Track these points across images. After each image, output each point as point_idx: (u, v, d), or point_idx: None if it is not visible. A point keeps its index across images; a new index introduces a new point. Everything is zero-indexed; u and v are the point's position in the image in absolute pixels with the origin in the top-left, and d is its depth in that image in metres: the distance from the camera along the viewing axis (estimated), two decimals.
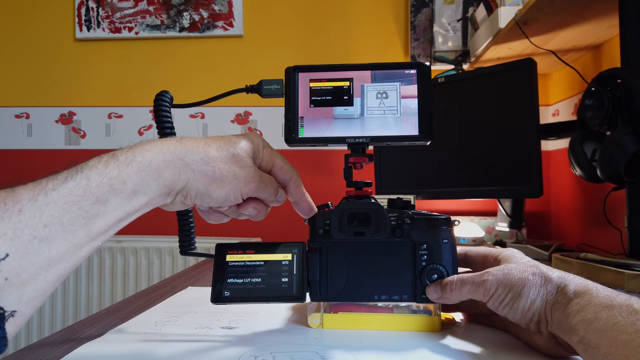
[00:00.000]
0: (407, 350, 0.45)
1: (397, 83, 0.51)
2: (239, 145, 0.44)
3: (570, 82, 1.48)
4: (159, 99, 0.51)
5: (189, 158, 0.41)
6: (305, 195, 0.50)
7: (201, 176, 0.42)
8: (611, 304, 0.37)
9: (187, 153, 0.41)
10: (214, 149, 0.43)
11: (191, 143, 0.42)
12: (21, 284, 0.32)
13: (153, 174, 0.39)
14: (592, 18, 1.11)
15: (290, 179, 0.48)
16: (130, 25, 1.77)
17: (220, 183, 0.43)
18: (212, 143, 0.43)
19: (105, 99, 1.79)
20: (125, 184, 0.37)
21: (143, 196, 0.39)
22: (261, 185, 0.45)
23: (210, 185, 0.42)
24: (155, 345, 0.47)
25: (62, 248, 0.34)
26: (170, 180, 0.40)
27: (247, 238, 1.62)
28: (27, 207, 0.32)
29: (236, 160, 0.43)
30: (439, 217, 0.52)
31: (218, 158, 0.42)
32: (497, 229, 1.43)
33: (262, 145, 0.47)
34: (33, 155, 1.79)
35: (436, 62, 1.63)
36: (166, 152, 0.40)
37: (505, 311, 0.44)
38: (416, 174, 1.35)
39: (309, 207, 0.51)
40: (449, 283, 0.48)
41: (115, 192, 0.37)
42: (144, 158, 0.39)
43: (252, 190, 0.45)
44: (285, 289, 0.49)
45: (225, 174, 0.43)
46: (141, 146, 0.40)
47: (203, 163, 0.42)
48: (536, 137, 1.08)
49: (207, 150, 0.42)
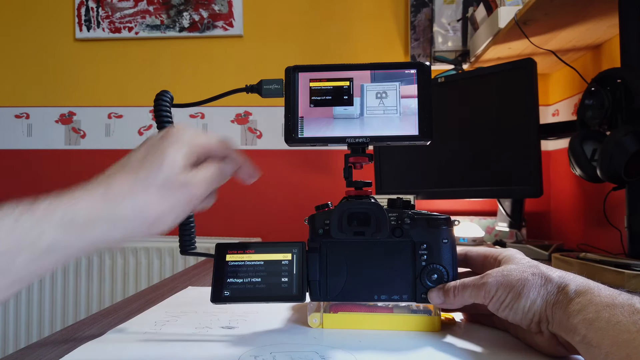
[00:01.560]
0: (407, 350, 0.45)
1: (397, 83, 0.51)
2: (166, 164, 0.40)
3: (570, 82, 1.48)
4: (159, 99, 0.51)
5: (119, 212, 0.37)
6: (246, 163, 0.48)
7: (137, 225, 0.38)
8: (613, 303, 0.37)
9: (115, 207, 0.37)
10: (142, 189, 0.39)
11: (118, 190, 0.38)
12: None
13: (76, 232, 0.35)
14: (592, 18, 1.11)
15: (230, 151, 0.46)
16: (130, 25, 1.77)
17: (161, 221, 0.40)
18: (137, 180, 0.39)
19: (105, 99, 1.79)
20: (39, 240, 0.33)
21: (59, 254, 0.35)
22: (204, 190, 0.42)
23: (149, 228, 0.39)
24: (155, 345, 0.47)
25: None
26: (96, 239, 0.37)
27: (247, 238, 1.62)
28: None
29: (168, 188, 0.40)
30: (439, 217, 0.52)
31: (149, 197, 0.39)
32: (497, 229, 1.43)
33: (190, 140, 0.42)
34: (33, 155, 1.79)
35: (436, 62, 1.63)
36: (92, 209, 0.36)
37: (506, 312, 0.44)
38: (416, 174, 1.35)
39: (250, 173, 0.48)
40: (452, 289, 0.48)
41: (24, 247, 0.32)
42: (66, 213, 0.35)
43: (198, 203, 0.43)
44: (285, 289, 0.49)
45: (161, 211, 0.39)
46: (65, 199, 0.36)
47: (135, 213, 0.38)
48: (536, 137, 1.08)
49: (135, 195, 0.38)
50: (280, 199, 1.71)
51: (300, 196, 1.70)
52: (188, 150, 0.42)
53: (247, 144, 1.74)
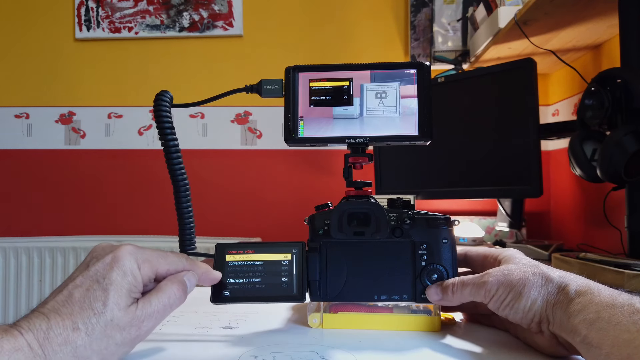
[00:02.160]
0: (407, 350, 0.45)
1: (397, 83, 0.51)
2: (109, 305, 0.37)
3: (570, 82, 1.48)
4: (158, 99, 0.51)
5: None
6: (206, 271, 0.47)
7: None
8: (613, 303, 0.37)
9: (53, 356, 0.35)
10: (84, 332, 0.36)
11: (57, 337, 0.35)
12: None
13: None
14: (592, 18, 1.11)
15: (183, 271, 0.45)
16: (130, 25, 1.77)
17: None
18: (79, 322, 0.36)
19: (105, 99, 1.79)
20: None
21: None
22: (157, 321, 0.40)
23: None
24: (155, 345, 0.47)
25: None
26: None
27: (247, 238, 1.62)
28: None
29: (112, 328, 0.37)
30: (439, 217, 0.51)
31: (90, 343, 0.36)
32: (497, 229, 1.43)
33: (136, 267, 0.40)
34: (33, 156, 1.79)
35: (436, 62, 1.63)
36: (30, 358, 0.33)
37: (506, 312, 0.44)
38: (416, 174, 1.35)
39: (211, 279, 0.48)
40: (451, 285, 0.48)
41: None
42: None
43: (146, 335, 0.40)
44: (285, 289, 0.49)
45: (106, 352, 0.37)
46: (5, 346, 0.33)
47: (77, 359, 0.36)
48: (536, 137, 1.08)
49: (75, 342, 0.36)
50: (280, 199, 1.71)
51: (300, 196, 1.70)
52: (134, 280, 0.40)
53: (247, 144, 1.74)
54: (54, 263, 1.62)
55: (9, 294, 1.63)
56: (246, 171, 1.73)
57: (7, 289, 1.63)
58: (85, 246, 1.62)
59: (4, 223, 1.76)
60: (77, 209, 1.76)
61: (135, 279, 0.40)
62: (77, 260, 1.62)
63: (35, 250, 1.63)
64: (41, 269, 1.63)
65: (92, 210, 1.75)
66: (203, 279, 0.47)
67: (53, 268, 1.62)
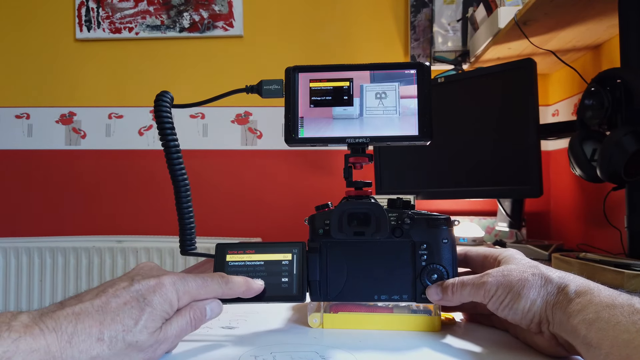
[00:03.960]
0: (407, 350, 0.45)
1: (396, 83, 0.51)
2: (139, 327, 0.38)
3: (570, 82, 1.48)
4: (159, 99, 0.51)
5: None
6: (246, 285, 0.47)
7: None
8: (613, 303, 0.37)
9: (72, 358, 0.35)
10: (107, 344, 0.36)
11: (80, 343, 0.35)
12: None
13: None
14: (592, 18, 1.11)
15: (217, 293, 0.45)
16: (130, 26, 1.77)
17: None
18: (106, 333, 0.36)
19: (106, 99, 1.79)
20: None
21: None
22: (174, 343, 0.42)
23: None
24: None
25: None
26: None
27: (247, 238, 1.62)
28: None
29: (134, 349, 0.38)
30: (439, 217, 0.52)
31: (111, 356, 0.36)
32: (497, 229, 1.44)
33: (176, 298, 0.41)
34: (33, 156, 1.79)
35: (436, 62, 1.63)
36: (50, 357, 0.34)
37: (505, 312, 0.44)
38: (416, 174, 1.35)
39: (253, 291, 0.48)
40: (450, 285, 0.48)
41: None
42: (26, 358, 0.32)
43: (162, 355, 0.41)
44: (285, 289, 0.49)
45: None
46: (26, 342, 0.33)
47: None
48: (536, 137, 1.08)
49: (97, 352, 0.36)
50: (280, 199, 1.71)
51: (300, 196, 1.70)
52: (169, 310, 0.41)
53: (247, 144, 1.74)
54: (54, 263, 1.62)
55: (9, 294, 1.63)
56: (246, 171, 1.73)
57: (8, 289, 1.63)
58: (85, 246, 1.62)
59: (5, 223, 1.77)
60: (77, 209, 1.76)
61: (171, 309, 0.41)
62: (77, 260, 1.62)
63: (35, 250, 1.63)
64: (41, 269, 1.63)
65: (93, 210, 1.75)
66: (246, 294, 0.47)
67: (53, 268, 1.62)
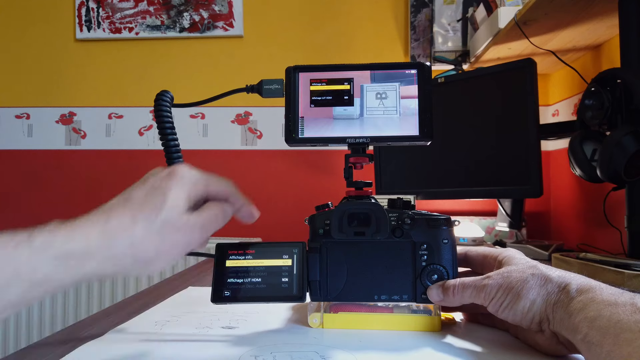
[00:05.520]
0: (407, 350, 0.45)
1: (397, 83, 0.51)
2: (168, 205, 0.39)
3: (570, 82, 1.48)
4: (159, 99, 0.51)
5: (116, 247, 0.37)
6: (246, 204, 0.48)
7: (132, 262, 0.38)
8: (615, 302, 0.37)
9: (113, 242, 0.37)
10: (141, 225, 0.38)
11: (116, 227, 0.37)
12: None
13: (71, 266, 0.35)
14: (592, 18, 1.11)
15: (229, 194, 0.46)
16: (130, 26, 1.77)
17: (157, 260, 0.39)
18: (139, 216, 0.38)
19: (106, 99, 1.79)
20: (34, 272, 0.33)
21: (53, 286, 0.35)
22: (204, 232, 0.42)
23: (145, 267, 0.39)
24: (156, 345, 0.47)
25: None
26: (92, 272, 0.36)
27: (247, 238, 1.62)
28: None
29: (168, 228, 0.39)
30: (439, 217, 0.52)
31: (148, 237, 0.38)
32: (497, 229, 1.43)
33: (192, 182, 0.43)
34: (33, 156, 1.79)
35: (436, 62, 1.63)
36: (89, 242, 0.36)
37: (506, 313, 0.44)
38: (416, 174, 1.35)
39: (250, 214, 0.48)
40: (452, 287, 0.48)
41: (19, 278, 0.33)
42: (63, 247, 0.35)
43: (197, 242, 0.42)
44: (286, 289, 0.49)
45: (161, 250, 0.39)
46: (62, 231, 0.35)
47: (133, 249, 0.38)
48: (536, 137, 1.08)
49: (134, 232, 0.38)
50: (281, 199, 1.71)
51: (301, 196, 1.70)
52: (190, 193, 0.42)
53: (247, 144, 1.74)
54: None
55: None
56: (246, 171, 1.73)
57: None
58: None
59: (5, 223, 1.76)
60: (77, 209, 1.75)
61: (190, 190, 0.42)
62: None
63: None
64: None
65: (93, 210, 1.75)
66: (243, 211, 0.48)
67: None
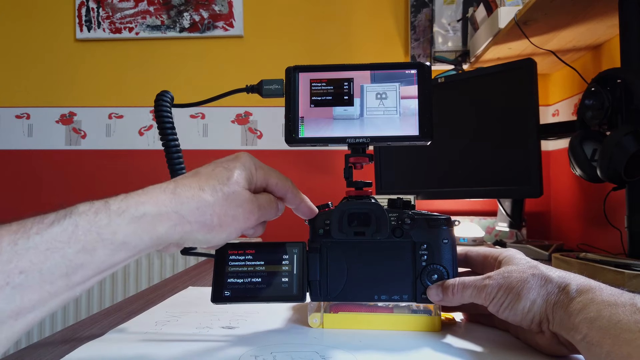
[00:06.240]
0: (407, 350, 0.45)
1: (397, 84, 0.51)
2: (233, 180, 0.43)
3: (570, 82, 1.48)
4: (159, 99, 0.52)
5: (185, 210, 0.39)
6: (305, 201, 0.50)
7: (198, 227, 0.40)
8: (615, 302, 0.37)
9: (182, 205, 0.39)
10: (209, 193, 0.41)
11: (185, 192, 0.40)
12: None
13: (146, 227, 0.37)
14: (592, 18, 1.11)
15: (287, 191, 0.48)
16: (130, 26, 1.78)
17: (219, 229, 0.41)
18: (205, 186, 0.41)
19: (106, 99, 1.79)
20: (115, 235, 0.35)
21: (132, 248, 0.37)
22: (262, 213, 0.45)
23: (209, 233, 0.41)
24: (156, 345, 0.47)
25: (36, 297, 0.31)
26: (164, 234, 0.38)
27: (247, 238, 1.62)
28: (5, 250, 0.30)
29: (232, 200, 0.42)
30: (439, 217, 0.52)
31: (214, 203, 0.41)
32: (497, 229, 1.44)
33: (254, 167, 0.45)
34: (33, 156, 1.79)
35: (436, 62, 1.63)
36: (161, 205, 0.38)
37: (506, 314, 0.44)
38: (416, 174, 1.35)
39: (310, 210, 0.51)
40: (451, 286, 0.48)
41: (103, 242, 0.34)
42: (137, 210, 0.37)
43: (254, 223, 0.44)
44: (286, 289, 0.49)
45: (223, 219, 0.41)
46: (135, 197, 0.38)
47: (199, 213, 0.40)
48: (536, 137, 1.08)
49: (202, 197, 0.40)
50: None
51: None
52: (252, 177, 0.45)
53: (247, 144, 1.74)
54: None
55: None
56: None
57: None
58: None
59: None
60: None
61: (252, 174, 0.45)
62: None
63: None
64: None
65: None
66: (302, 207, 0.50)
67: None
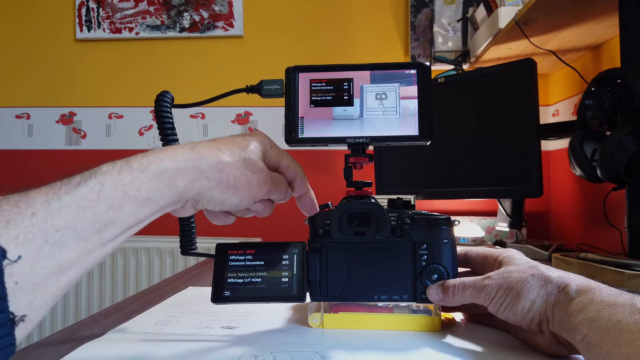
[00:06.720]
0: (407, 350, 0.45)
1: (396, 84, 0.51)
2: (250, 149, 0.44)
3: (570, 82, 1.48)
4: (159, 100, 0.52)
5: (203, 166, 0.41)
6: (310, 192, 0.51)
7: (215, 184, 0.42)
8: (614, 302, 0.37)
9: (200, 161, 0.41)
10: (227, 154, 0.43)
11: (204, 150, 0.42)
12: (32, 289, 0.30)
13: (167, 182, 0.39)
14: (592, 18, 1.11)
15: (297, 176, 0.49)
16: (130, 26, 1.78)
17: (234, 190, 0.43)
18: (223, 148, 0.43)
19: (106, 99, 1.79)
20: (139, 191, 0.37)
21: (155, 204, 0.38)
22: (273, 187, 0.45)
23: (224, 192, 0.42)
24: (156, 345, 0.47)
25: (73, 253, 0.33)
26: (183, 189, 0.40)
27: (247, 238, 1.62)
28: (40, 210, 0.31)
29: (248, 165, 0.43)
30: (439, 217, 0.52)
31: (231, 164, 0.42)
32: (497, 229, 1.44)
33: (269, 145, 0.47)
34: (34, 156, 1.79)
35: (436, 62, 1.63)
36: (180, 161, 0.40)
37: (506, 314, 0.44)
38: (416, 174, 1.35)
39: (312, 205, 0.51)
40: (452, 286, 0.48)
41: (129, 198, 0.36)
42: (158, 166, 0.38)
43: (264, 194, 0.45)
44: (286, 289, 0.49)
45: (238, 181, 0.43)
46: (155, 154, 0.39)
47: (217, 170, 0.42)
48: (536, 137, 1.08)
49: (220, 157, 0.42)
50: None
51: None
52: (267, 151, 0.46)
53: None
54: None
55: None
56: None
57: None
58: None
59: None
60: None
61: (267, 149, 0.46)
62: None
63: None
64: None
65: None
66: (304, 199, 0.51)
67: None
